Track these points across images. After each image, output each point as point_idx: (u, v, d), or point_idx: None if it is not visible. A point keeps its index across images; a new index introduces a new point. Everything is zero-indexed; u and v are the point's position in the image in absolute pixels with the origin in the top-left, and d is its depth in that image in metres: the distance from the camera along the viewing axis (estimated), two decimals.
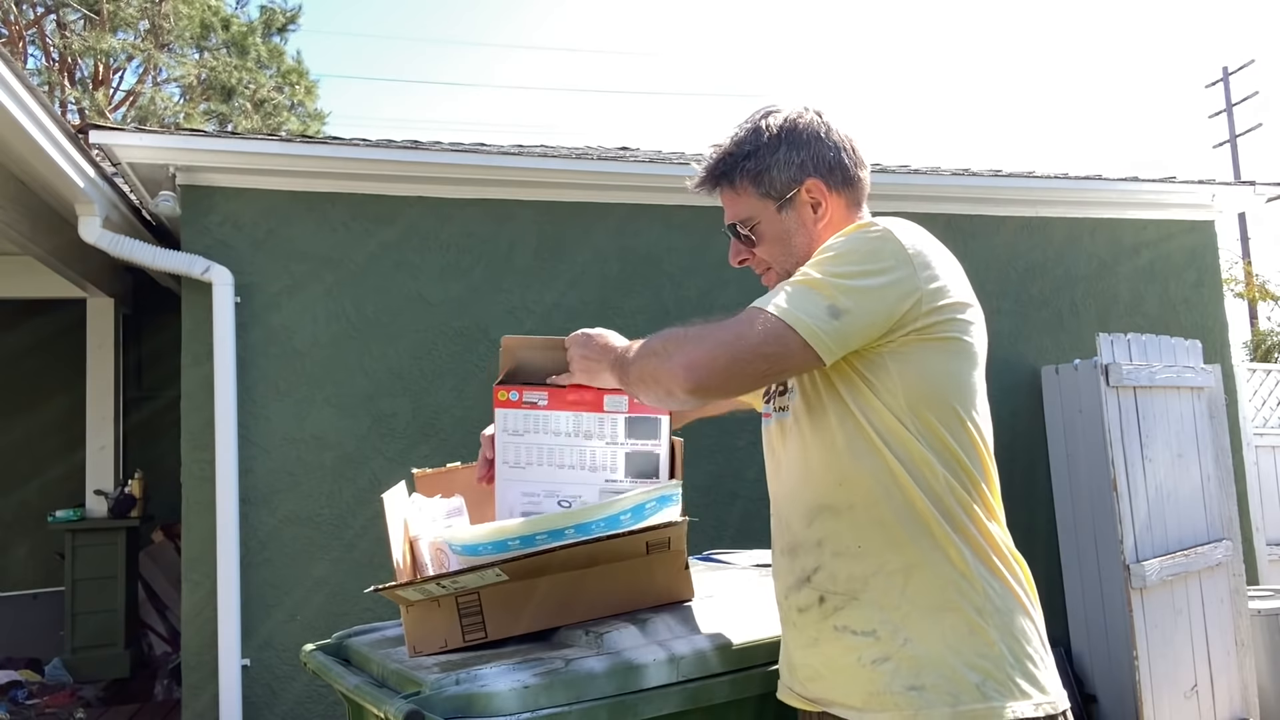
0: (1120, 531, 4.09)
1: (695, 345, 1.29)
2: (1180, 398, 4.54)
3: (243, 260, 4.25)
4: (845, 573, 1.32)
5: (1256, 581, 5.72)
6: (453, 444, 4.37)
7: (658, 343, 1.37)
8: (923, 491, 1.28)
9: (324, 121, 16.17)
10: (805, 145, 1.44)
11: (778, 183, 1.44)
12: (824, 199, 1.44)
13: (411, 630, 1.63)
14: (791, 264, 1.42)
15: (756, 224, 1.47)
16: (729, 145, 1.48)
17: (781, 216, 1.45)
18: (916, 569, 1.27)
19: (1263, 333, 15.52)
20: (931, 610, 1.26)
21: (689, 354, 1.29)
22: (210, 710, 4.02)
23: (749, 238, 1.49)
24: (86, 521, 5.60)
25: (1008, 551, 1.33)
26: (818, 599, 1.34)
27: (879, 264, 1.28)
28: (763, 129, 1.45)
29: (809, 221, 1.45)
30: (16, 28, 13.20)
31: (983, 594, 1.26)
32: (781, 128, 1.44)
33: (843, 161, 1.45)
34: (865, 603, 1.30)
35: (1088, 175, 5.64)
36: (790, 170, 1.43)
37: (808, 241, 1.44)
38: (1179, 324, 5.63)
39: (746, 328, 1.27)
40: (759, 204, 1.46)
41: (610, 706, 1.45)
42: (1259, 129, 22.83)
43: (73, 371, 5.94)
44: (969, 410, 1.33)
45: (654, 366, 1.35)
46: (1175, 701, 4.12)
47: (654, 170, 4.83)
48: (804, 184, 1.43)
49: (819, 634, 1.35)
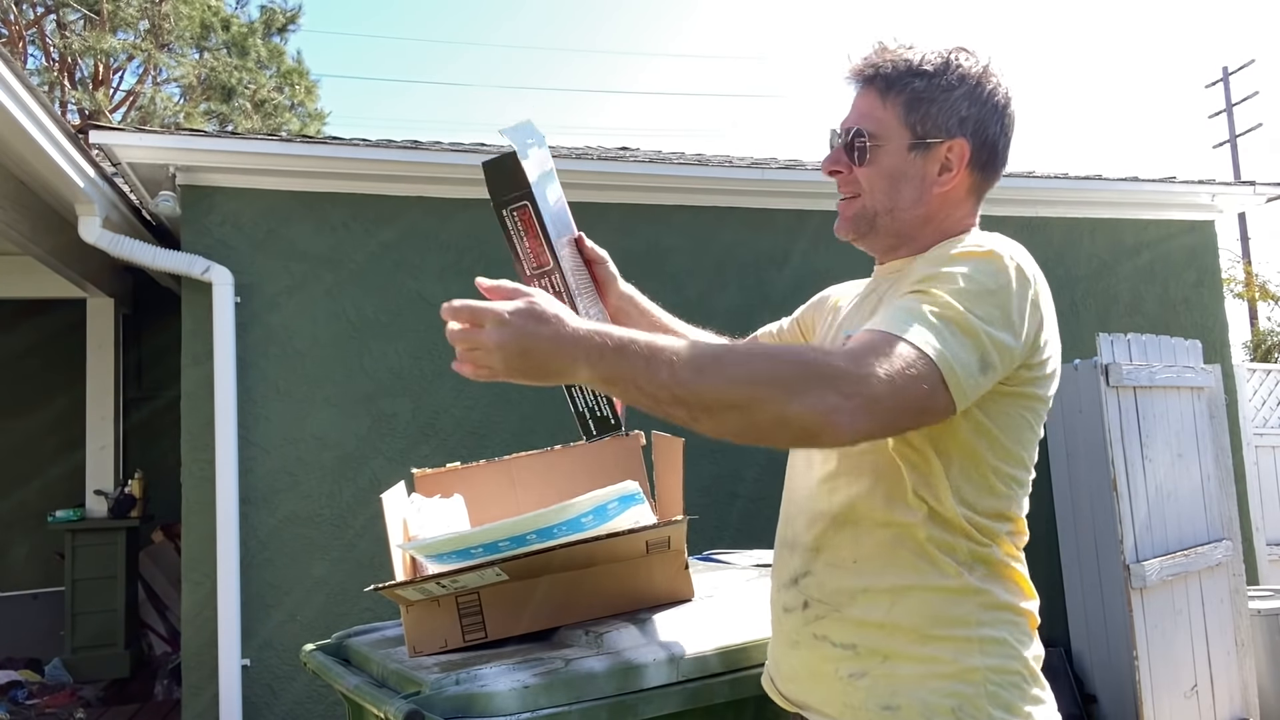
0: (1120, 531, 4.09)
1: (848, 383, 1.01)
2: (1180, 398, 4.54)
3: (243, 260, 4.25)
4: (834, 584, 1.26)
5: (1256, 581, 5.72)
6: (453, 444, 4.37)
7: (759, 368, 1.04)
8: (939, 531, 1.20)
9: (324, 121, 16.17)
10: (980, 105, 1.27)
11: (931, 121, 1.26)
12: (959, 168, 1.28)
13: (411, 630, 1.63)
14: (883, 208, 1.29)
15: (878, 145, 1.28)
16: (910, 56, 1.29)
17: (909, 156, 1.28)
18: (906, 593, 1.20)
19: (1263, 333, 15.52)
20: (915, 635, 1.19)
21: (843, 394, 1.01)
22: (210, 710, 4.02)
23: (861, 152, 1.29)
24: (86, 521, 5.60)
25: (1016, 587, 1.24)
26: (802, 603, 1.29)
27: (1021, 317, 1.14)
28: (951, 64, 1.28)
29: (930, 180, 1.28)
30: (16, 28, 13.20)
31: (974, 627, 1.19)
32: (970, 74, 1.27)
33: (998, 146, 1.30)
34: (847, 617, 1.24)
35: (1088, 175, 5.64)
36: (952, 118, 1.26)
37: (916, 199, 1.28)
38: (1179, 324, 5.64)
39: (906, 368, 1.04)
40: (896, 128, 1.28)
41: (610, 706, 1.45)
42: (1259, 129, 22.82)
43: (73, 371, 5.93)
44: (1027, 465, 1.25)
45: (777, 405, 1.01)
46: (1175, 701, 4.12)
47: (654, 170, 4.84)
48: (954, 140, 1.27)
49: (800, 638, 1.30)
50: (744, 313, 4.74)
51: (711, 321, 1.71)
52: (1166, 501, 4.34)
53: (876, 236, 1.33)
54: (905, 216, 1.29)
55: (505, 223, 1.32)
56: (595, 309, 1.46)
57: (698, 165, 5.06)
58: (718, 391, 1.02)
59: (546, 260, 1.32)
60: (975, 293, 1.12)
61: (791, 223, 5.04)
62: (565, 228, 1.45)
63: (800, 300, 1.65)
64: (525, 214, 1.31)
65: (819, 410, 1.00)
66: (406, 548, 1.66)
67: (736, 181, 4.93)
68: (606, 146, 6.32)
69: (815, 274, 5.12)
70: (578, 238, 1.51)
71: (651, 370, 1.02)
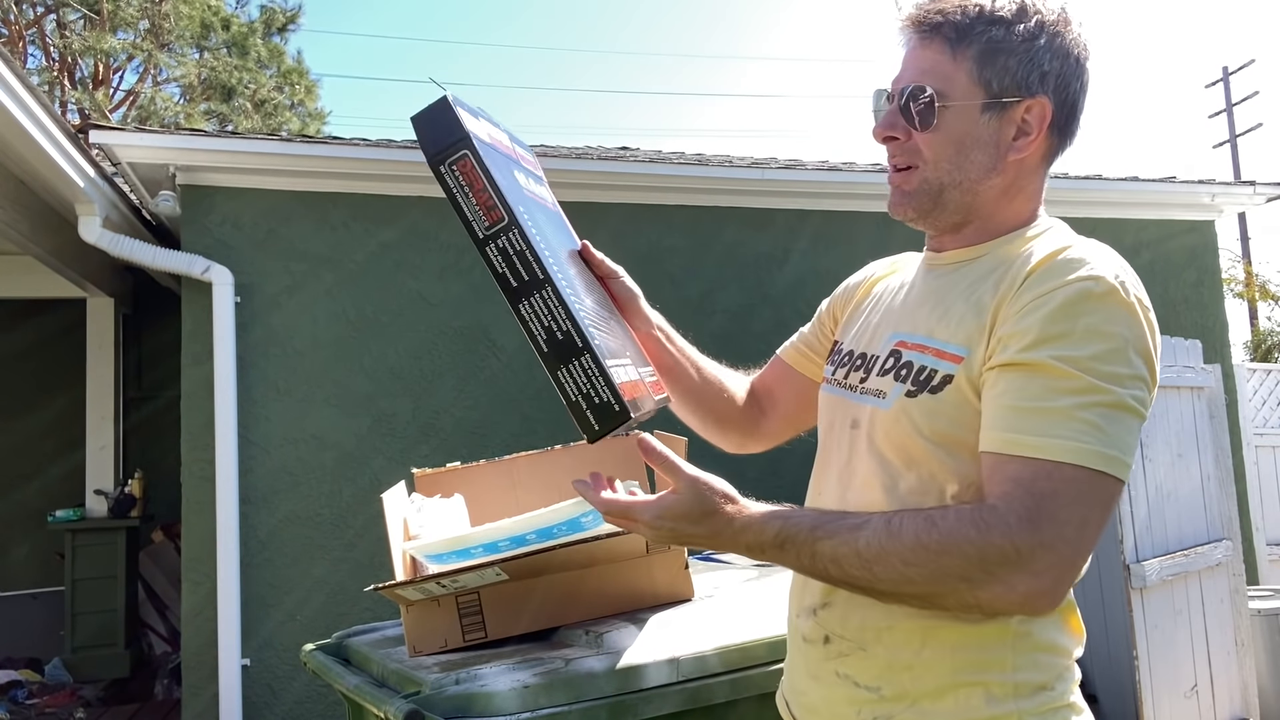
0: (1120, 531, 4.09)
1: (1037, 561, 0.93)
2: (1180, 398, 4.54)
3: (243, 260, 4.25)
4: (858, 619, 1.13)
5: (1256, 581, 5.72)
6: (453, 444, 4.37)
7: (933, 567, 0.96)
8: None
9: (324, 121, 16.18)
10: (1062, 58, 1.10)
11: (1009, 77, 1.09)
12: (1038, 131, 1.11)
13: (411, 630, 1.63)
14: (950, 180, 1.12)
15: (946, 106, 1.10)
16: (977, 6, 1.10)
17: (981, 119, 1.10)
18: (937, 631, 1.07)
19: (1263, 333, 15.54)
20: (947, 679, 1.07)
21: (1033, 573, 0.93)
22: (210, 710, 4.02)
23: (924, 113, 1.10)
24: (86, 521, 5.60)
25: (1061, 624, 1.12)
26: (823, 637, 1.17)
27: (1149, 360, 1.02)
28: (1029, 8, 1.10)
29: (1004, 145, 1.11)
30: (16, 28, 13.20)
31: (1010, 670, 1.07)
32: (1050, 21, 1.10)
33: (1078, 106, 1.14)
34: (874, 655, 1.11)
35: (1088, 175, 5.64)
36: (1033, 73, 1.09)
37: (989, 168, 1.12)
38: (1179, 324, 5.63)
39: (1080, 497, 0.94)
40: (966, 86, 1.10)
41: (610, 706, 1.45)
42: (1259, 129, 22.82)
43: (73, 371, 5.94)
44: None
45: (961, 596, 0.97)
46: (1175, 701, 4.13)
47: (654, 170, 4.84)
48: (1034, 99, 1.10)
49: (820, 672, 1.18)
50: (744, 312, 4.74)
51: (711, 321, 1.71)
52: (1166, 501, 4.34)
53: (943, 213, 1.15)
54: (978, 189, 1.13)
55: (446, 181, 1.13)
56: (618, 341, 1.22)
57: (698, 165, 5.06)
58: (894, 588, 1.00)
59: (500, 215, 1.12)
60: (1109, 354, 0.98)
61: (791, 223, 5.04)
62: (566, 238, 1.31)
63: (800, 300, 1.65)
64: (466, 165, 1.12)
65: (1014, 597, 0.95)
66: (407, 548, 1.66)
67: (737, 181, 4.93)
68: (607, 146, 6.33)
69: (815, 274, 5.14)
70: (582, 247, 1.34)
71: (817, 565, 1.02)
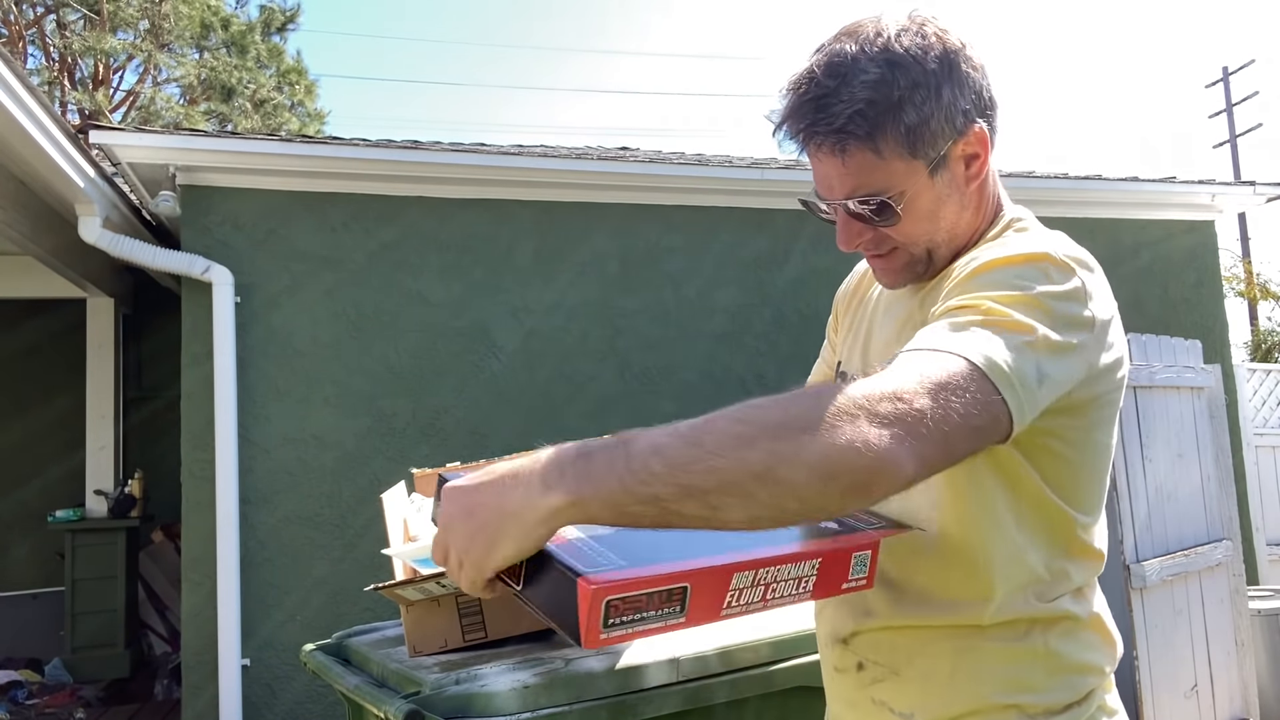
0: (1120, 531, 4.09)
1: (890, 420, 0.80)
2: (1180, 398, 4.54)
3: (242, 260, 4.25)
4: (888, 642, 1.10)
5: (1256, 581, 5.72)
6: (453, 444, 4.37)
7: (790, 414, 0.79)
8: (1006, 583, 1.05)
9: (324, 121, 16.17)
10: (967, 78, 1.04)
11: (939, 135, 1.02)
12: (984, 149, 1.06)
13: (411, 630, 1.63)
14: (932, 244, 1.08)
15: (902, 195, 1.04)
16: (860, 88, 0.99)
17: (934, 182, 1.04)
18: (968, 654, 1.05)
19: (1263, 333, 15.53)
20: (981, 702, 1.05)
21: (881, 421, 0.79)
22: (210, 710, 4.02)
23: (881, 214, 1.05)
24: (86, 521, 5.60)
25: (1095, 639, 1.11)
26: (855, 664, 1.14)
27: (1080, 312, 0.96)
28: (910, 58, 1.00)
29: (961, 180, 1.06)
30: (16, 28, 13.19)
31: (1043, 691, 1.05)
32: (937, 56, 1.02)
33: (995, 99, 1.08)
34: (907, 679, 1.08)
35: (1088, 175, 5.65)
36: (956, 116, 1.02)
37: (959, 208, 1.08)
38: (1179, 324, 5.64)
39: (951, 386, 0.84)
40: (906, 168, 1.02)
41: (610, 706, 1.45)
42: (1259, 129, 22.83)
43: (73, 371, 5.94)
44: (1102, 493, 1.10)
45: (809, 452, 0.77)
46: (1175, 701, 4.12)
47: (654, 170, 4.84)
48: (970, 132, 1.04)
49: (856, 699, 1.15)
50: (744, 313, 4.75)
51: (711, 321, 1.70)
52: (1166, 501, 4.34)
53: (937, 264, 1.13)
54: (958, 229, 1.09)
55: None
56: None
57: (698, 165, 5.06)
58: (728, 461, 0.76)
59: None
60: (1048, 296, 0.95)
61: (791, 223, 5.04)
62: None
63: (799, 300, 1.64)
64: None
65: (866, 446, 0.78)
66: (400, 552, 1.66)
67: (736, 181, 4.93)
68: (606, 146, 6.32)
69: (815, 274, 5.15)
70: None
71: (635, 465, 0.76)
